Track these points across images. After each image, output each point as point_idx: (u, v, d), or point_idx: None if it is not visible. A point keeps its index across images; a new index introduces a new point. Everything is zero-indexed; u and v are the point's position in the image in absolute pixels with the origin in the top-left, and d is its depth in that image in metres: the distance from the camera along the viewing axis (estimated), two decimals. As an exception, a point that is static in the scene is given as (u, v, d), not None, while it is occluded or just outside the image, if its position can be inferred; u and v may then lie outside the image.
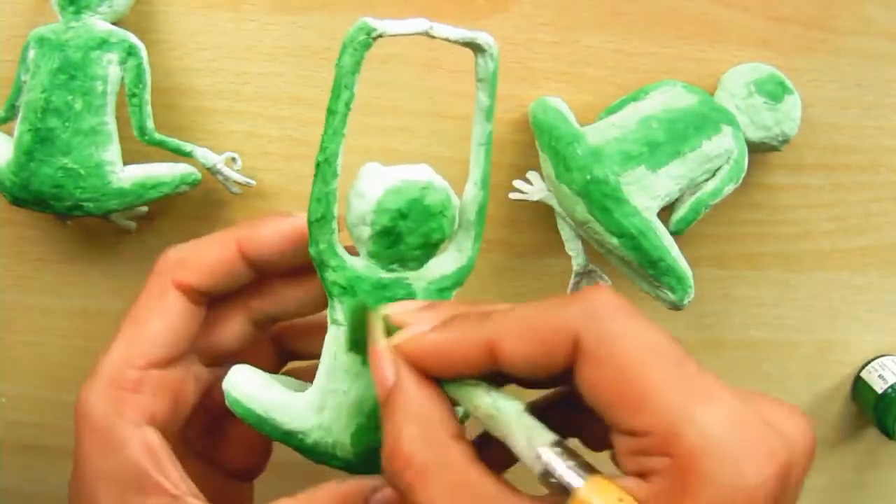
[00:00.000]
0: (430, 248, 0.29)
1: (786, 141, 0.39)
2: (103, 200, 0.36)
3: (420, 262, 0.29)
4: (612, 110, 0.39)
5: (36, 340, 0.42)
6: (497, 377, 0.24)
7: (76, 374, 0.42)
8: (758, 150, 0.39)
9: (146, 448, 0.29)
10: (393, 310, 0.26)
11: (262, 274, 0.32)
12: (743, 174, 0.37)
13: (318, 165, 0.28)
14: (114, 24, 0.35)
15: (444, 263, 0.30)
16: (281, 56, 0.38)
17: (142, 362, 0.30)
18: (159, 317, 0.31)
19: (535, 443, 0.23)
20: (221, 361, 0.33)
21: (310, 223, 0.29)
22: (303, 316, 0.34)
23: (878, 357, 0.46)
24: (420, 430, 0.23)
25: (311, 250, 0.29)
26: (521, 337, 0.23)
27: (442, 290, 0.29)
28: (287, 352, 0.36)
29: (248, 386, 0.30)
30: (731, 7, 0.39)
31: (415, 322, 0.25)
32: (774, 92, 0.38)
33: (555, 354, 0.22)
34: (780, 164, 0.42)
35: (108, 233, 0.40)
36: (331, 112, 0.28)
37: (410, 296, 0.29)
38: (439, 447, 0.23)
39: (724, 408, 0.21)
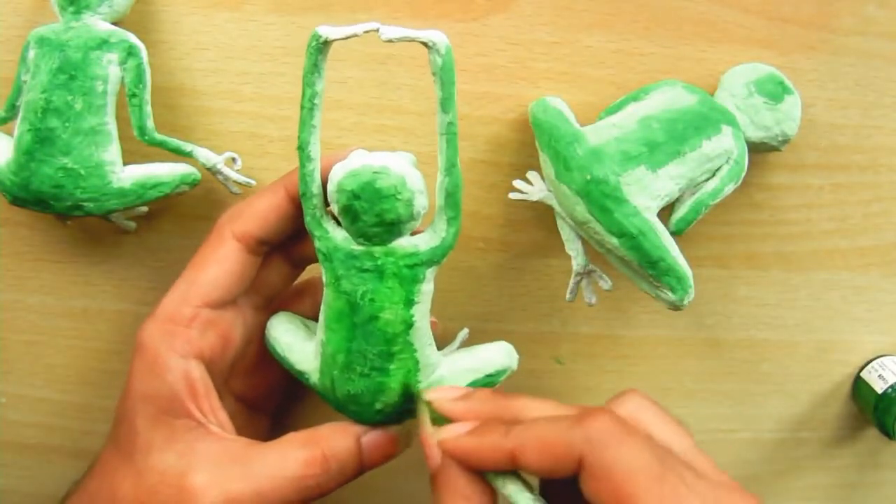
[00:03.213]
0: (388, 227, 0.32)
1: (786, 141, 0.39)
2: (103, 200, 0.36)
3: (382, 238, 0.32)
4: (612, 110, 0.39)
5: (36, 340, 0.42)
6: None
7: (76, 374, 0.42)
8: (758, 150, 0.39)
9: (186, 378, 0.33)
10: (434, 396, 0.32)
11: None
12: (743, 174, 0.37)
13: (297, 151, 0.33)
14: (114, 24, 0.35)
15: (417, 242, 0.33)
16: (281, 56, 0.38)
17: (197, 301, 0.34)
18: (216, 263, 0.34)
19: None
20: (267, 303, 0.37)
21: (300, 198, 0.33)
22: None
23: (878, 357, 0.46)
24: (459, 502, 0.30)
25: (304, 221, 0.33)
26: (537, 452, 0.28)
27: (412, 267, 0.32)
28: None
29: (277, 330, 0.35)
30: (731, 7, 0.39)
31: (451, 413, 0.31)
32: (774, 92, 0.38)
33: (564, 467, 0.28)
34: (780, 164, 0.42)
35: (108, 233, 0.40)
36: (301, 107, 0.32)
37: (378, 269, 0.32)
38: None
39: None
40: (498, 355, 0.35)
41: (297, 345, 0.35)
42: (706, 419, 0.47)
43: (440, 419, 0.32)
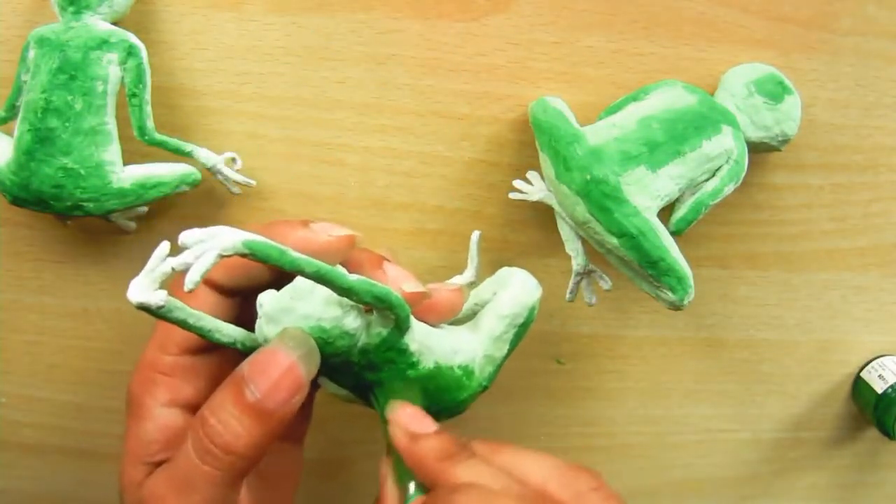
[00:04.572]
0: None
1: (786, 141, 0.39)
2: (103, 200, 0.36)
3: None
4: (612, 110, 0.39)
5: (36, 340, 0.42)
6: None
7: (76, 374, 0.42)
8: (758, 150, 0.39)
9: (165, 427, 0.32)
10: (394, 416, 0.32)
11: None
12: (743, 174, 0.37)
13: None
14: (114, 24, 0.35)
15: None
16: (281, 56, 0.38)
17: (174, 350, 0.32)
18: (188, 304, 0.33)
19: None
20: None
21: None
22: None
23: (878, 357, 0.46)
24: None
25: None
26: None
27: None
28: None
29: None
30: (731, 7, 0.39)
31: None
32: (774, 92, 0.38)
33: None
34: (780, 164, 0.42)
35: (108, 233, 0.40)
36: None
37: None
38: None
39: None
40: (520, 296, 0.36)
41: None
42: (706, 419, 0.47)
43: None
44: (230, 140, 0.39)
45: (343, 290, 0.29)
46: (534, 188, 0.38)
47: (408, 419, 0.32)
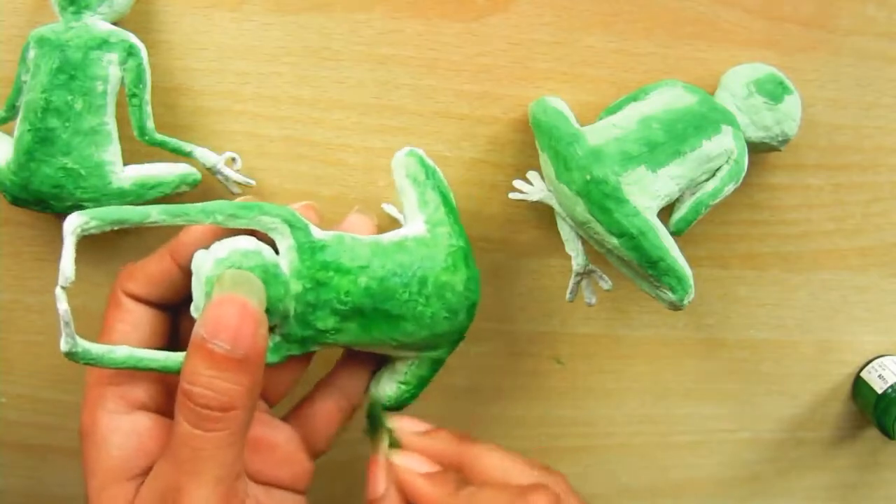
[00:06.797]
0: None
1: (786, 141, 0.39)
2: (103, 200, 0.36)
3: None
4: (612, 110, 0.39)
5: (36, 340, 0.42)
6: None
7: (76, 374, 0.42)
8: (758, 150, 0.39)
9: (133, 433, 0.31)
10: (398, 426, 0.33)
11: None
12: (743, 174, 0.37)
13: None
14: (114, 24, 0.35)
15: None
16: (281, 56, 0.38)
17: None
18: (119, 321, 0.33)
19: None
20: None
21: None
22: None
23: (878, 357, 0.46)
24: None
25: None
26: None
27: None
28: None
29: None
30: (731, 7, 0.39)
31: (413, 447, 0.33)
32: (774, 92, 0.38)
33: None
34: (780, 164, 0.42)
35: (108, 233, 0.40)
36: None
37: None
38: None
39: None
40: (400, 161, 0.36)
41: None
42: (706, 419, 0.47)
43: (396, 445, 0.33)
44: (230, 140, 0.39)
45: (203, 215, 0.31)
46: (534, 188, 0.38)
47: (407, 423, 0.33)
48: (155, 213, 0.30)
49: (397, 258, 0.33)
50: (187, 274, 0.32)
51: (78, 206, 0.35)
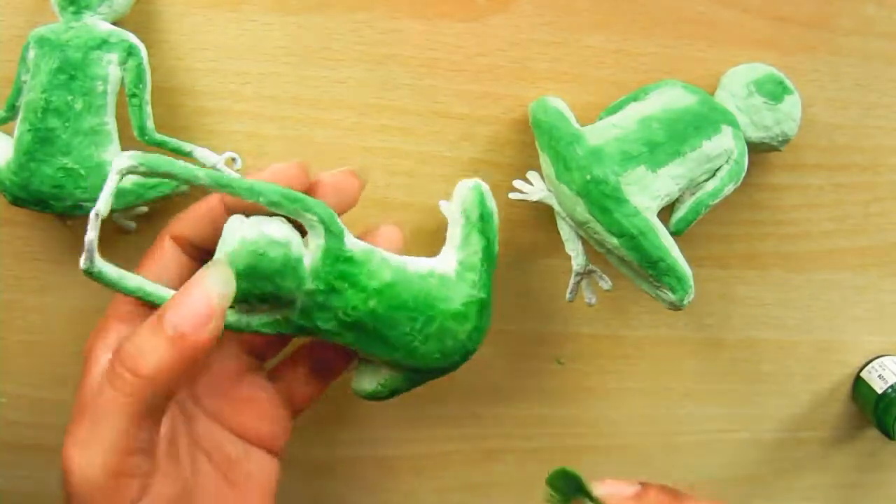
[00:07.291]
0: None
1: (786, 141, 0.39)
2: (103, 200, 0.36)
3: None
4: (612, 110, 0.39)
5: (36, 340, 0.42)
6: None
7: (75, 374, 0.42)
8: (758, 150, 0.39)
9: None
10: (606, 493, 0.32)
11: None
12: (743, 174, 0.37)
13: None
14: (114, 24, 0.35)
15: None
16: (281, 56, 0.38)
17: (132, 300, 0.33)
18: (151, 259, 0.33)
19: None
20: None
21: None
22: None
23: (878, 357, 0.46)
24: None
25: None
26: None
27: None
28: None
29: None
30: (731, 7, 0.39)
31: None
32: (774, 92, 0.38)
33: None
34: (780, 164, 0.42)
35: (109, 233, 0.40)
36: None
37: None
38: None
39: None
40: (460, 194, 0.36)
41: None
42: (706, 419, 0.47)
43: None
44: (230, 140, 0.39)
45: (249, 193, 0.31)
46: (534, 188, 0.38)
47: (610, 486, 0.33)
48: (202, 176, 0.31)
49: (415, 290, 0.33)
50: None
51: (78, 206, 0.35)
